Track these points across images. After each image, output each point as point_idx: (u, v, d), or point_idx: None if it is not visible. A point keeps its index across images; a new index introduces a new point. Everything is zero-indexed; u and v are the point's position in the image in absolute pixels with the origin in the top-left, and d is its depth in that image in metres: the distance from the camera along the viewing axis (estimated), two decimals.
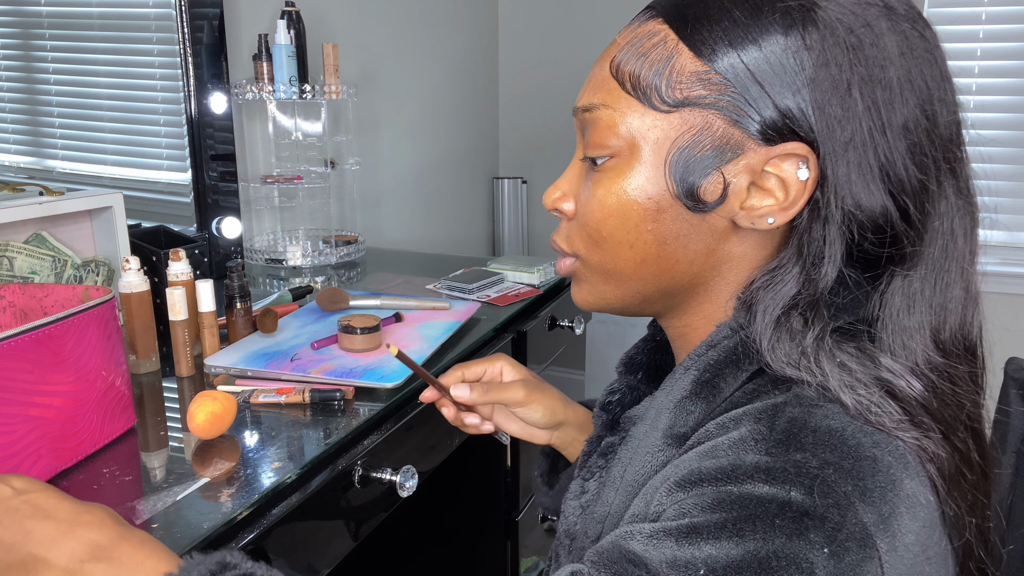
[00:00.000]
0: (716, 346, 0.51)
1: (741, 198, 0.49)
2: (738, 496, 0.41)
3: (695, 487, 0.43)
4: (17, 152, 1.35)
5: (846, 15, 0.47)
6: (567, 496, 0.62)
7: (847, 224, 0.48)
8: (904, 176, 0.47)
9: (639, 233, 0.52)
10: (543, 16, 2.55)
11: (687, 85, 0.49)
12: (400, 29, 2.06)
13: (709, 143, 0.49)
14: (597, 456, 0.61)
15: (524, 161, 2.70)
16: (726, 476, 0.43)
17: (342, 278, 1.50)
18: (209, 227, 1.43)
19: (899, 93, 0.47)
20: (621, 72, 0.51)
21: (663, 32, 0.50)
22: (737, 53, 0.47)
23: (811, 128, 0.47)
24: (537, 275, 1.41)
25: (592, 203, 0.53)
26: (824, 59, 0.46)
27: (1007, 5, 2.10)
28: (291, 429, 0.84)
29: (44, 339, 0.70)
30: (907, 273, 0.49)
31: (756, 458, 0.43)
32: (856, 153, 0.47)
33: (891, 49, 0.47)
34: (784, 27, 0.47)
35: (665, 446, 0.50)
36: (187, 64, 1.36)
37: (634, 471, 0.51)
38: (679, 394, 0.51)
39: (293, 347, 1.02)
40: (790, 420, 0.44)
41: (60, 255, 1.03)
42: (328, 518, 0.81)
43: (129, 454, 0.78)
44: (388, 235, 2.08)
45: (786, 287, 0.48)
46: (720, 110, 0.48)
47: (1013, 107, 2.15)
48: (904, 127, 0.47)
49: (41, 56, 1.32)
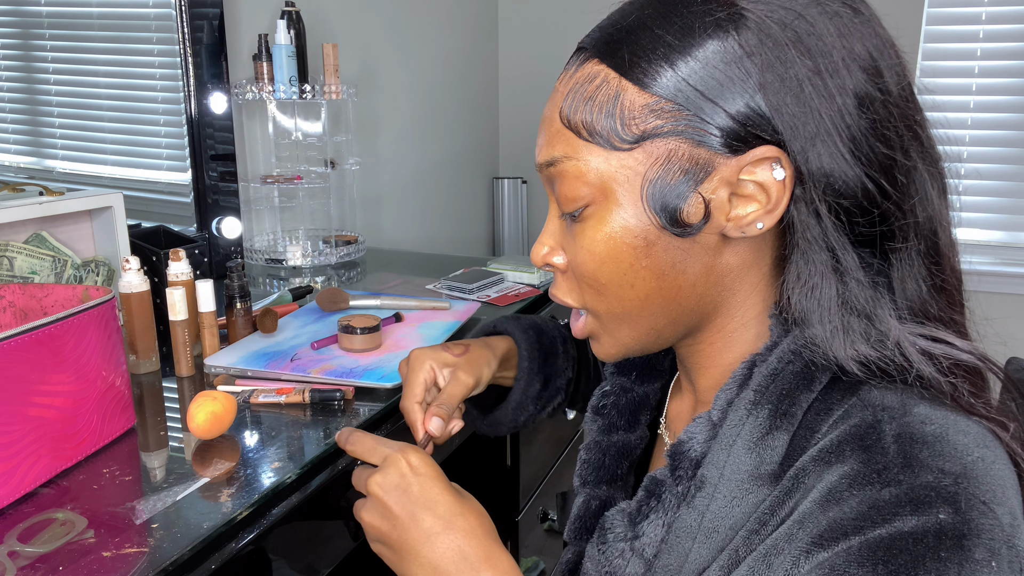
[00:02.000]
0: (781, 374, 0.49)
1: (725, 211, 0.49)
2: (889, 538, 0.40)
3: (838, 542, 0.41)
4: (17, 152, 1.35)
5: (775, 11, 0.47)
6: (607, 535, 0.57)
7: (835, 213, 0.48)
8: (872, 154, 0.47)
9: (636, 271, 0.52)
10: (543, 16, 2.55)
11: (641, 119, 0.49)
12: (400, 29, 2.06)
13: (678, 169, 0.48)
14: (644, 493, 0.55)
15: (524, 161, 2.70)
16: (869, 520, 0.41)
17: (342, 278, 1.50)
18: (209, 227, 1.43)
19: (848, 74, 0.47)
20: (572, 121, 0.51)
21: (602, 72, 0.50)
22: (680, 76, 0.47)
23: (775, 130, 0.47)
24: (537, 275, 1.41)
25: (581, 255, 0.53)
26: (767, 60, 0.46)
27: (1007, 5, 2.10)
28: (291, 429, 0.84)
29: (44, 339, 0.70)
30: (902, 246, 0.49)
31: (890, 491, 0.41)
32: (824, 143, 0.47)
33: (829, 33, 0.47)
34: (718, 38, 0.47)
35: (755, 487, 0.48)
36: (187, 64, 1.36)
37: (717, 518, 0.49)
38: (757, 432, 0.49)
39: (293, 347, 1.02)
40: (897, 439, 0.43)
41: (60, 255, 1.03)
42: (328, 518, 0.81)
43: (129, 454, 0.78)
44: (388, 235, 2.08)
45: (827, 290, 0.48)
46: (680, 135, 0.48)
47: (1013, 107, 2.15)
48: (860, 106, 0.47)
49: (41, 56, 1.32)
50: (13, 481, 0.67)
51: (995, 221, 2.24)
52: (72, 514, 0.66)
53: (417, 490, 0.57)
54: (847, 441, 0.44)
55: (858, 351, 0.47)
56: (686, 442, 0.53)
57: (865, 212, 0.49)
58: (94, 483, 0.72)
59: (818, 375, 0.48)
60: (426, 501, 0.57)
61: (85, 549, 0.62)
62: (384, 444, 0.62)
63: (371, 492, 0.59)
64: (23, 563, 0.60)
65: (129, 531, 0.64)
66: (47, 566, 0.59)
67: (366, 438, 0.64)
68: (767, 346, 0.52)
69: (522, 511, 1.39)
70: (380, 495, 0.58)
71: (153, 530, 0.64)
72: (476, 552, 0.55)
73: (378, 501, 0.59)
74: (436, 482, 0.58)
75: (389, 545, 0.58)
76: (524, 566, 1.47)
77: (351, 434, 0.65)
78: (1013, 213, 2.22)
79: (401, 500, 0.57)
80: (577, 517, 0.67)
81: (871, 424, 0.45)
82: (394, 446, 0.61)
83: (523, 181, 2.63)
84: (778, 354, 0.50)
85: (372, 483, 0.59)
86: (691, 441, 0.53)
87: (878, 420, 0.45)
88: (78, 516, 0.66)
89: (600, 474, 0.67)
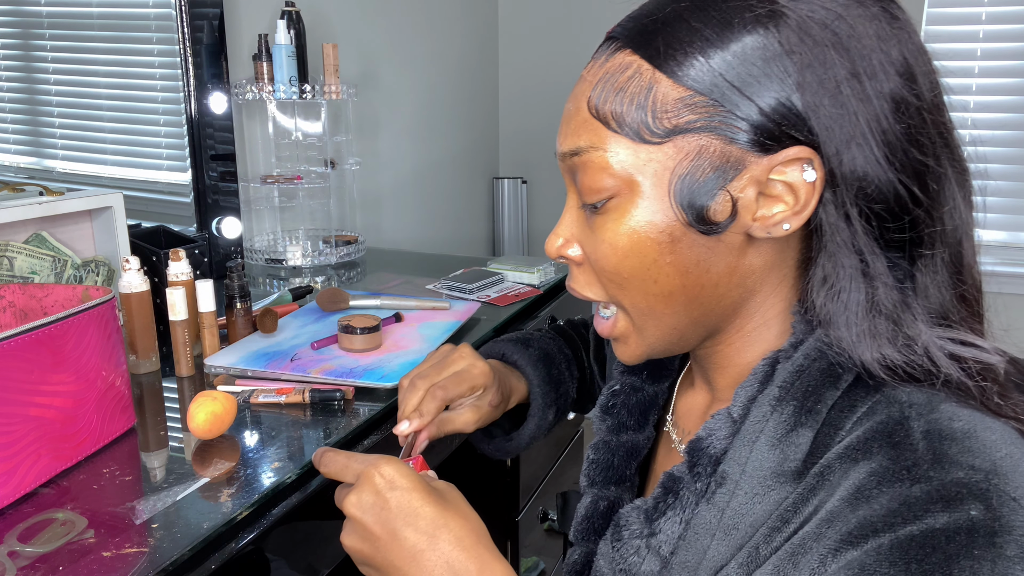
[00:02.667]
0: (807, 371, 0.49)
1: (752, 210, 0.49)
2: (921, 536, 0.40)
3: (868, 540, 0.41)
4: (17, 152, 1.35)
5: (816, 11, 0.46)
6: (623, 532, 0.56)
7: (865, 217, 0.47)
8: (906, 159, 0.47)
9: (660, 267, 0.51)
10: (543, 16, 2.55)
11: (674, 113, 0.48)
12: (400, 29, 2.06)
13: (709, 165, 0.48)
14: (661, 490, 0.55)
15: (524, 161, 2.70)
16: (900, 518, 0.40)
17: (342, 278, 1.50)
18: (209, 227, 1.43)
19: (885, 78, 0.46)
20: (601, 111, 0.50)
21: (635, 63, 0.49)
22: (716, 70, 0.46)
23: (810, 131, 0.46)
24: (537, 275, 1.40)
25: (603, 248, 0.52)
26: (807, 60, 0.46)
27: (1007, 5, 2.10)
28: (291, 429, 0.84)
29: (44, 339, 0.70)
30: (928, 252, 0.49)
31: (921, 488, 0.41)
32: (859, 147, 0.46)
33: (868, 36, 0.46)
34: (757, 34, 0.46)
35: (777, 484, 0.47)
36: (187, 64, 1.36)
37: (737, 515, 0.49)
38: (782, 428, 0.48)
39: (293, 347, 1.02)
40: (926, 435, 0.43)
41: (60, 255, 1.03)
42: (328, 518, 0.81)
43: (129, 454, 0.78)
44: (388, 235, 2.08)
45: (855, 294, 0.48)
46: (712, 131, 0.47)
47: (1013, 107, 2.15)
48: (896, 111, 0.47)
49: (41, 56, 1.32)
50: (13, 481, 0.67)
51: (995, 221, 2.24)
52: (72, 514, 0.66)
53: (395, 504, 0.54)
54: (874, 438, 0.44)
55: (884, 355, 0.47)
56: (705, 438, 0.52)
57: (895, 217, 0.48)
58: (94, 483, 0.72)
59: (843, 373, 0.48)
60: (406, 516, 0.53)
61: (85, 549, 0.62)
62: (356, 460, 0.58)
63: (349, 514, 0.55)
64: (23, 563, 0.60)
65: (129, 531, 0.64)
66: (47, 566, 0.59)
67: (338, 456, 0.60)
68: (791, 343, 0.51)
69: (522, 511, 1.39)
70: (358, 515, 0.54)
71: (153, 530, 0.64)
72: (467, 564, 0.52)
73: (357, 522, 0.55)
74: (414, 493, 0.54)
75: (376, 568, 0.55)
76: (524, 566, 1.47)
77: (323, 455, 0.61)
78: (1013, 213, 2.22)
79: (380, 518, 0.54)
80: (585, 518, 0.66)
81: (898, 420, 0.44)
82: (367, 460, 0.57)
83: (523, 181, 2.63)
84: (804, 351, 0.50)
85: (348, 504, 0.55)
86: (710, 437, 0.52)
87: (906, 416, 0.44)
88: (78, 516, 0.66)
89: (609, 474, 0.66)
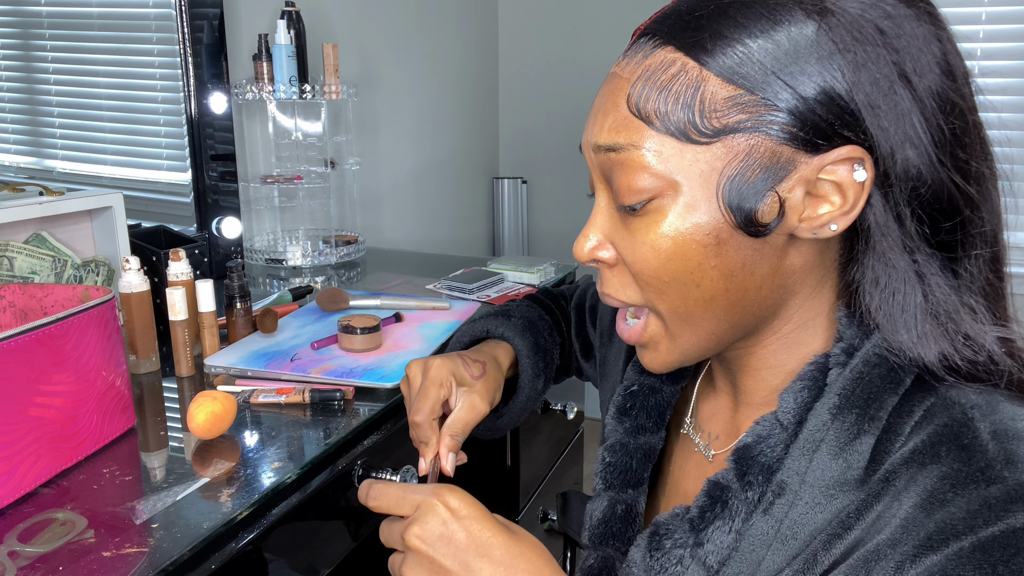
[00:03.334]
0: (867, 377, 0.48)
1: (799, 211, 0.48)
2: (1003, 537, 0.39)
3: (948, 544, 0.40)
4: (17, 152, 1.35)
5: (866, 10, 0.45)
6: (664, 541, 0.55)
7: (917, 219, 0.47)
8: (956, 160, 0.47)
9: (704, 271, 0.49)
10: (543, 16, 2.55)
11: (723, 112, 0.46)
12: (400, 29, 2.06)
13: (759, 166, 0.46)
14: (707, 499, 0.53)
15: (524, 161, 2.70)
16: (980, 519, 0.40)
17: (342, 278, 1.50)
18: (209, 227, 1.43)
19: (935, 78, 0.46)
20: (644, 110, 0.48)
21: (679, 60, 0.48)
22: (768, 69, 0.45)
23: (863, 130, 0.46)
24: (537, 275, 1.40)
25: (643, 250, 0.50)
26: (859, 58, 0.45)
27: (1007, 5, 2.10)
28: (291, 429, 0.84)
29: (44, 339, 0.70)
30: (974, 252, 0.49)
31: (998, 489, 0.41)
32: (913, 146, 0.46)
33: (916, 35, 0.46)
34: (808, 31, 0.45)
35: (840, 493, 0.47)
36: (187, 64, 1.36)
37: (796, 525, 0.48)
38: (844, 437, 0.47)
39: (293, 347, 1.02)
40: (995, 436, 0.43)
41: (60, 255, 1.03)
42: (328, 518, 0.81)
43: (129, 454, 0.78)
44: (388, 235, 2.08)
45: (912, 295, 0.47)
46: (763, 131, 0.46)
47: (1013, 107, 2.14)
48: (945, 112, 0.46)
49: (41, 56, 1.32)
50: (13, 481, 0.67)
51: None
52: (72, 514, 0.66)
53: (464, 536, 0.51)
54: (941, 441, 0.44)
55: (947, 355, 0.46)
56: (754, 445, 0.51)
57: (946, 218, 0.48)
58: (94, 483, 0.72)
59: (904, 377, 0.48)
60: (478, 547, 0.50)
61: (85, 549, 0.62)
62: (413, 491, 0.54)
63: (412, 547, 0.51)
64: (23, 563, 0.60)
65: (129, 531, 0.64)
66: (47, 566, 0.59)
67: (390, 488, 0.56)
68: (843, 348, 0.50)
69: (522, 511, 1.39)
70: (424, 549, 0.51)
71: (153, 530, 0.64)
72: None
73: (422, 556, 0.51)
74: (484, 522, 0.51)
75: None
76: None
77: (371, 487, 0.57)
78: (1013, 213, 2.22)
79: (449, 551, 0.50)
80: (602, 522, 0.64)
81: (963, 423, 0.44)
82: (424, 491, 0.54)
83: (523, 181, 2.63)
84: (863, 357, 0.49)
85: (411, 536, 0.51)
86: (760, 444, 0.51)
87: (970, 418, 0.44)
88: (78, 516, 0.66)
89: (627, 477, 0.65)
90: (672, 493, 0.65)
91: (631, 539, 0.64)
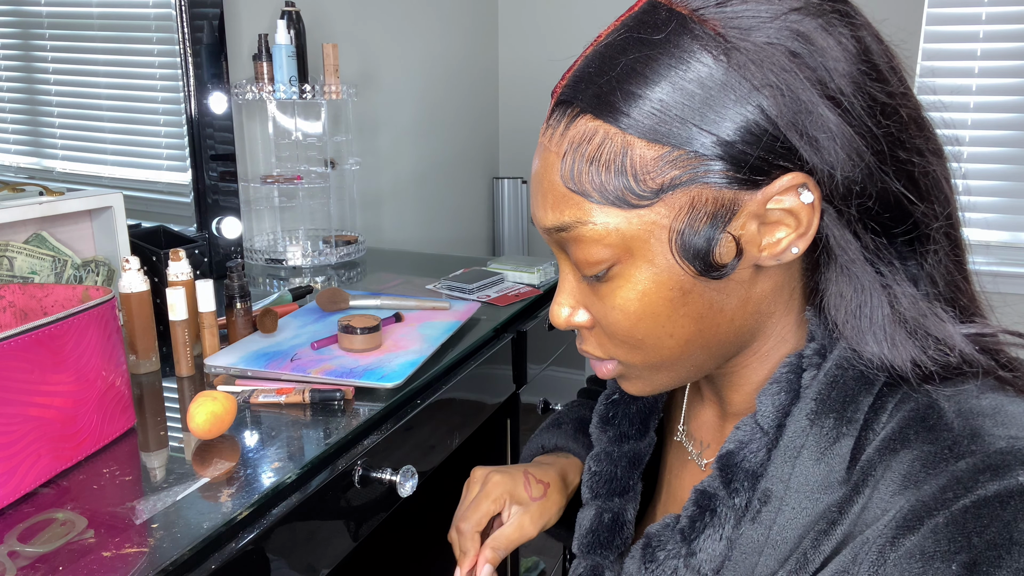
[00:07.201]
0: (841, 380, 0.49)
1: (757, 243, 0.48)
2: (975, 507, 0.40)
3: (923, 522, 0.41)
4: (17, 152, 1.35)
5: (772, 36, 0.45)
6: (656, 553, 0.55)
7: (872, 230, 0.47)
8: (897, 163, 0.47)
9: (674, 321, 0.50)
10: (543, 16, 2.55)
11: (656, 173, 0.46)
12: (400, 29, 2.06)
13: (704, 214, 0.46)
14: (695, 508, 0.54)
15: (524, 161, 2.70)
16: (951, 493, 0.41)
17: (342, 278, 1.50)
18: (209, 227, 1.43)
19: (858, 88, 0.45)
20: (579, 184, 0.48)
21: (601, 129, 0.47)
22: (689, 122, 0.45)
23: (798, 157, 0.45)
24: (537, 275, 1.40)
25: (614, 314, 0.51)
26: (776, 89, 0.44)
27: (1007, 5, 2.10)
28: (291, 429, 0.84)
29: (44, 339, 0.70)
30: (933, 247, 0.49)
31: (966, 462, 0.42)
32: (851, 162, 0.45)
33: (830, 47, 0.45)
34: (719, 74, 0.44)
35: (825, 495, 0.47)
36: (187, 64, 1.36)
37: (785, 529, 0.49)
38: (824, 442, 0.48)
39: (293, 347, 1.02)
40: (959, 414, 0.44)
41: (60, 255, 1.03)
42: (328, 518, 0.81)
43: (129, 454, 0.78)
44: (388, 235, 2.08)
45: (878, 308, 0.48)
46: (700, 181, 0.46)
47: (1013, 107, 2.14)
48: (875, 116, 0.46)
49: (41, 56, 1.32)
50: (13, 481, 0.67)
51: (996, 221, 2.24)
52: (72, 514, 0.67)
53: None
54: (909, 426, 0.45)
55: (919, 362, 0.47)
56: (736, 452, 0.52)
57: (898, 222, 0.48)
58: (94, 483, 0.72)
59: (874, 382, 0.48)
60: None
61: (85, 549, 0.62)
62: None
63: None
64: (23, 563, 0.60)
65: (129, 531, 0.64)
66: (47, 566, 0.59)
67: None
68: (815, 349, 0.50)
69: None
70: None
71: (153, 530, 0.64)
72: None
73: None
74: None
75: None
76: (524, 566, 1.47)
77: None
78: (1013, 213, 2.22)
79: None
80: (590, 531, 0.64)
81: (928, 405, 0.45)
82: None
83: (523, 181, 2.63)
84: (835, 360, 0.49)
85: None
86: (743, 451, 0.52)
87: (935, 400, 0.46)
88: (78, 516, 0.66)
89: (612, 486, 0.65)
90: (669, 501, 0.66)
91: (619, 547, 0.64)
